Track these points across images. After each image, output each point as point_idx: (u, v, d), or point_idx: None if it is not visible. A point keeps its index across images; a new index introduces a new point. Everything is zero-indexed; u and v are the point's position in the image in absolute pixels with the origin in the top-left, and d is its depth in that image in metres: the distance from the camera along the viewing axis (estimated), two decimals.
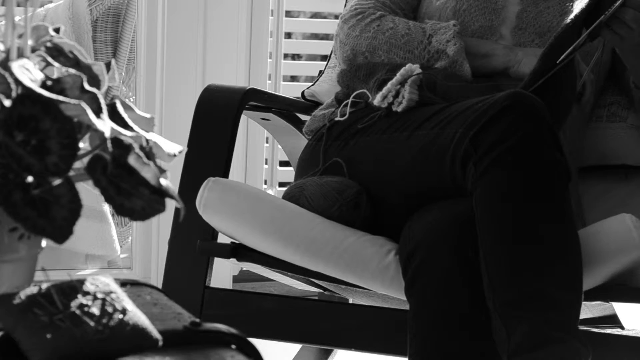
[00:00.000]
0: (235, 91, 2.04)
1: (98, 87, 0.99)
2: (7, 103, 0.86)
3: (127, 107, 0.97)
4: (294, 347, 2.43)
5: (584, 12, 1.81)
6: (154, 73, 3.09)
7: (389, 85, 1.87)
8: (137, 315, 0.89)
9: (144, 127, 0.98)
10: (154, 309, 0.99)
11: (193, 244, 1.88)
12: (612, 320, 1.89)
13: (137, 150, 0.91)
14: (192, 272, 1.90)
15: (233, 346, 0.94)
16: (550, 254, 1.62)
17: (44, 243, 0.94)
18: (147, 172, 0.91)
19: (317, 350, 2.45)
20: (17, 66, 0.89)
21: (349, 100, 1.97)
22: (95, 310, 0.87)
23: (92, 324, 0.86)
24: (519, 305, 1.59)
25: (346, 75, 2.04)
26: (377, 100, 1.87)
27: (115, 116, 0.95)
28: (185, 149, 1.03)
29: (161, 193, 0.92)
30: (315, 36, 4.79)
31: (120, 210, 0.90)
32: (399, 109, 1.85)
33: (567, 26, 1.80)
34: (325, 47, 3.56)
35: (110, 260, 3.32)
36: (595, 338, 1.76)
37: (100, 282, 0.91)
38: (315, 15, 4.21)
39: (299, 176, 2.01)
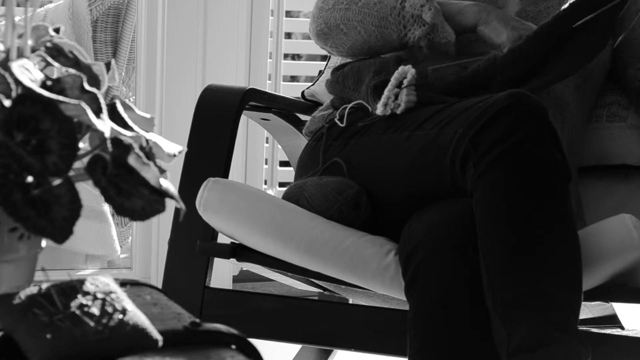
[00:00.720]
0: (235, 91, 2.04)
1: (98, 87, 0.99)
2: (7, 103, 0.86)
3: (127, 107, 0.97)
4: (294, 347, 2.43)
5: None
6: (154, 73, 3.09)
7: (386, 92, 1.87)
8: (137, 315, 0.89)
9: (144, 127, 0.98)
10: (154, 309, 0.99)
11: (193, 244, 1.88)
12: (612, 320, 1.89)
13: (137, 150, 0.91)
14: (192, 272, 1.90)
15: (233, 346, 0.94)
16: (550, 254, 1.61)
17: (44, 243, 0.94)
18: (147, 172, 0.91)
19: (317, 350, 2.45)
20: (17, 66, 0.89)
21: (347, 108, 1.96)
22: (95, 310, 0.87)
23: (92, 324, 0.86)
24: (518, 305, 1.58)
25: (335, 87, 2.04)
26: (379, 110, 1.87)
27: (115, 116, 0.95)
28: (185, 149, 1.03)
29: (161, 193, 0.92)
30: None
31: (120, 210, 0.90)
32: (398, 111, 1.85)
33: None
34: None
35: (110, 260, 3.33)
36: (595, 338, 1.76)
37: (100, 282, 0.91)
38: None
39: (298, 176, 2.01)
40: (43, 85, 0.90)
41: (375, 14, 1.97)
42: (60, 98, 0.88)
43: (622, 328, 1.88)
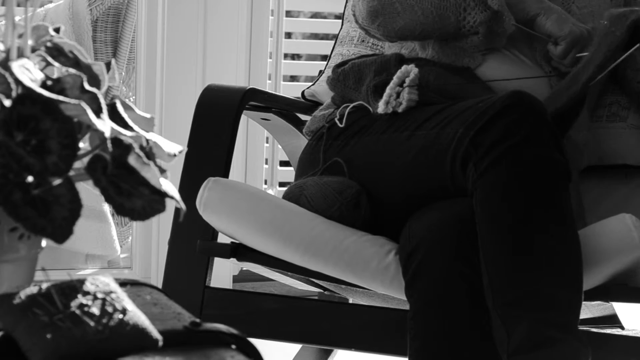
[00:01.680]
0: (235, 91, 2.03)
1: (98, 87, 0.99)
2: (7, 103, 0.86)
3: (127, 107, 0.97)
4: (294, 347, 2.43)
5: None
6: (154, 73, 3.09)
7: (388, 90, 1.86)
8: (137, 315, 0.89)
9: (144, 127, 0.98)
10: (154, 309, 0.99)
11: (193, 244, 1.88)
12: (612, 320, 1.89)
13: (137, 150, 0.91)
14: (192, 272, 1.90)
15: (233, 346, 0.94)
16: (550, 254, 1.61)
17: (44, 243, 0.94)
18: (147, 172, 0.91)
19: (317, 350, 2.45)
20: (17, 66, 0.89)
21: (347, 107, 1.96)
22: (95, 310, 0.87)
23: (92, 324, 0.86)
24: (518, 305, 1.58)
25: (336, 86, 2.03)
26: (380, 108, 1.86)
27: (115, 116, 0.95)
28: (185, 149, 1.03)
29: (161, 193, 0.92)
30: (315, 36, 4.79)
31: (120, 210, 0.90)
32: (399, 110, 1.85)
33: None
34: (325, 47, 3.56)
35: (110, 260, 3.33)
36: (595, 338, 1.76)
37: (100, 282, 0.91)
38: (315, 15, 4.21)
39: (299, 176, 2.01)
40: (43, 85, 0.90)
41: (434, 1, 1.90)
42: (61, 98, 0.88)
43: (622, 328, 1.88)
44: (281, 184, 3.36)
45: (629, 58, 1.96)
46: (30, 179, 0.86)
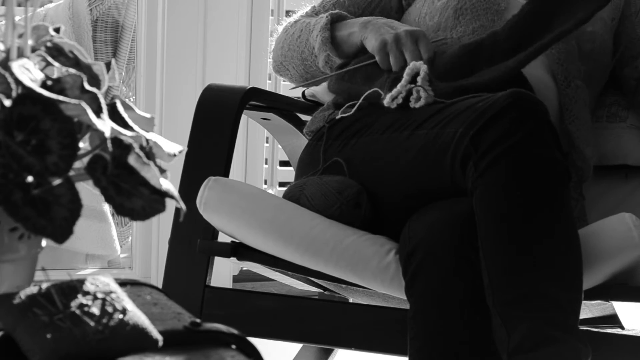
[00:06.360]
0: (235, 91, 2.04)
1: (98, 87, 0.99)
2: (7, 103, 0.86)
3: (127, 107, 0.97)
4: (294, 347, 2.43)
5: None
6: (154, 73, 3.09)
7: (398, 87, 1.86)
8: (137, 315, 0.89)
9: (144, 127, 0.98)
10: (154, 309, 0.99)
11: (193, 243, 1.88)
12: (612, 320, 1.89)
13: (137, 150, 0.91)
14: (192, 272, 1.90)
15: (233, 346, 0.94)
16: (550, 253, 1.61)
17: (44, 243, 0.94)
18: (147, 172, 0.91)
19: (317, 350, 2.45)
20: (17, 66, 0.89)
21: (360, 99, 1.96)
22: (95, 310, 0.87)
23: (92, 324, 0.86)
24: (518, 305, 1.58)
25: (341, 85, 2.03)
26: (386, 100, 1.86)
27: (115, 116, 0.95)
28: (185, 149, 1.03)
29: (161, 193, 0.92)
30: None
31: (120, 210, 0.90)
32: (416, 106, 1.84)
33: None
34: None
35: (110, 260, 3.33)
36: (595, 338, 1.76)
37: (100, 282, 0.91)
38: None
39: (299, 176, 2.01)
40: (43, 85, 0.90)
41: (296, 49, 2.09)
42: (61, 98, 0.88)
43: (622, 328, 1.88)
44: (281, 184, 3.36)
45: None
46: (30, 179, 0.86)
